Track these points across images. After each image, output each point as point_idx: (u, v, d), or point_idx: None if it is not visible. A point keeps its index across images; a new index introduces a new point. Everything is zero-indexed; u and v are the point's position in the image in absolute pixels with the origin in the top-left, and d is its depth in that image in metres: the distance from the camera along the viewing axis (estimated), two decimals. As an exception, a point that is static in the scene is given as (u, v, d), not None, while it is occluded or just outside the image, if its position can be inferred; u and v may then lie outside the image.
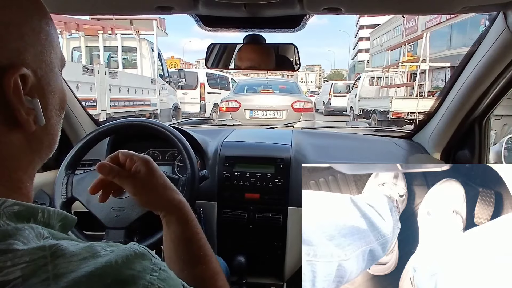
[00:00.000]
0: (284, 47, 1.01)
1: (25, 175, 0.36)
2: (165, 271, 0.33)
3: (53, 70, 0.37)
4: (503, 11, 0.81)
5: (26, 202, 0.32)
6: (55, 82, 0.37)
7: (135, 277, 0.29)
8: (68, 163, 0.91)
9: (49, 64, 0.36)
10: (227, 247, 1.15)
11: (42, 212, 0.33)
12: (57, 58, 0.38)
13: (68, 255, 0.28)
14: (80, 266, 0.27)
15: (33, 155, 0.36)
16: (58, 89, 0.38)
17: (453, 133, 1.12)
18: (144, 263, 0.31)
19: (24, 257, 0.27)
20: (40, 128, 0.35)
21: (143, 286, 0.29)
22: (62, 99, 0.40)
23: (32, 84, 0.33)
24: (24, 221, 0.31)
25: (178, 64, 12.73)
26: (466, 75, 0.98)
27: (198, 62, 39.18)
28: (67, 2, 0.84)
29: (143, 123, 0.98)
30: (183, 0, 0.76)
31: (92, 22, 6.62)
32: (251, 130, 1.76)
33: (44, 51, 0.35)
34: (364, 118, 9.83)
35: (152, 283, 0.30)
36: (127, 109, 6.06)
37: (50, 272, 0.26)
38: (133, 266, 0.30)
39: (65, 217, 0.36)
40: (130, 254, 0.30)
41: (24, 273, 0.26)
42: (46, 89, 0.36)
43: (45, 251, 0.27)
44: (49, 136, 0.38)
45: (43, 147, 0.38)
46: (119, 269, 0.29)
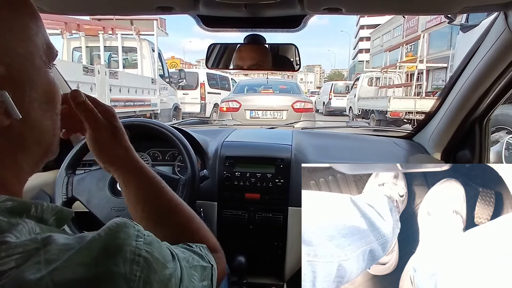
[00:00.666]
0: (285, 47, 1.01)
1: (8, 172, 0.35)
2: (150, 236, 0.33)
3: (31, 61, 0.35)
4: (503, 11, 0.81)
5: (18, 198, 0.32)
6: (35, 74, 0.35)
7: (121, 245, 0.30)
8: (69, 163, 0.91)
9: (23, 54, 0.34)
10: (227, 247, 1.14)
11: (35, 207, 0.33)
12: (36, 49, 0.36)
13: (59, 245, 0.29)
14: (69, 252, 0.28)
15: (16, 152, 0.35)
16: (42, 81, 0.36)
17: (454, 133, 1.11)
18: (127, 231, 0.32)
19: (18, 248, 0.27)
20: (19, 122, 0.33)
21: (130, 252, 0.30)
22: (49, 92, 0.38)
23: (1, 75, 0.31)
24: (17, 217, 0.31)
25: (178, 64, 12.73)
26: (467, 75, 0.98)
27: (199, 62, 39.21)
28: (67, 2, 0.84)
29: (143, 123, 0.98)
30: (184, 0, 0.76)
31: (93, 22, 6.62)
32: (252, 130, 1.76)
33: (13, 40, 0.33)
34: (363, 118, 9.89)
35: (139, 247, 0.31)
36: (128, 109, 6.06)
37: (42, 257, 0.27)
38: (117, 235, 0.30)
39: (60, 211, 0.36)
40: (111, 225, 0.31)
41: (18, 263, 0.27)
42: (21, 81, 0.34)
43: (38, 243, 0.28)
44: (34, 131, 0.36)
45: (27, 143, 0.36)
46: (103, 240, 0.30)
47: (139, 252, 0.31)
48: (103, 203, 0.85)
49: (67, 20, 6.10)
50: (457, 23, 4.61)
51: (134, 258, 0.30)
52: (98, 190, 0.87)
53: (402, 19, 23.24)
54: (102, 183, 0.88)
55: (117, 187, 0.89)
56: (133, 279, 0.29)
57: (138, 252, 0.30)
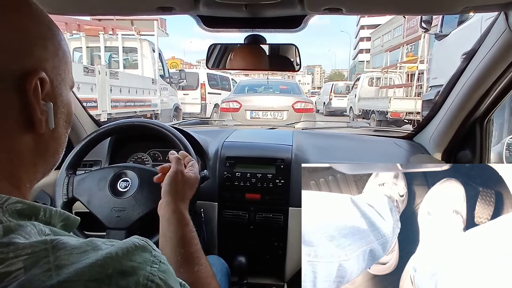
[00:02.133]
0: (285, 47, 1.01)
1: (25, 175, 0.37)
2: (165, 264, 0.33)
3: (66, 85, 0.40)
4: (504, 11, 0.81)
5: (28, 201, 0.33)
6: (66, 96, 0.41)
7: (136, 268, 0.30)
8: (69, 163, 0.91)
9: (63, 77, 0.40)
10: (228, 247, 1.15)
11: (44, 211, 0.34)
12: (69, 75, 0.41)
13: (69, 247, 0.29)
14: (81, 258, 0.28)
15: (38, 158, 0.38)
16: (67, 103, 0.41)
17: (454, 134, 1.11)
18: (145, 255, 0.32)
19: (26, 249, 0.27)
20: (49, 132, 0.37)
21: (144, 277, 0.30)
22: (69, 112, 0.43)
23: (48, 90, 0.36)
24: (26, 219, 0.31)
25: (179, 65, 12.73)
26: (467, 76, 0.98)
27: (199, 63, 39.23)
28: (68, 2, 0.84)
29: (143, 123, 0.98)
30: (184, 1, 0.76)
31: (93, 23, 6.64)
32: (252, 131, 1.76)
33: (60, 65, 0.39)
34: (363, 118, 9.94)
35: (153, 274, 0.31)
36: (128, 109, 6.07)
37: (52, 263, 0.27)
38: (133, 258, 0.30)
39: (67, 217, 0.37)
40: (130, 246, 0.31)
41: (26, 265, 0.26)
42: (58, 99, 0.39)
43: (47, 244, 0.28)
44: (55, 143, 0.40)
45: (48, 152, 0.40)
46: (119, 260, 0.29)
47: (153, 278, 0.30)
48: (104, 204, 0.85)
49: (67, 21, 6.11)
50: (432, 32, 5.11)
51: (147, 284, 0.29)
52: (99, 190, 0.87)
53: (403, 19, 23.24)
54: (103, 184, 0.88)
55: (118, 187, 0.89)
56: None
57: (152, 278, 0.30)
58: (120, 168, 0.91)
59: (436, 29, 4.91)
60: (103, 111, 5.29)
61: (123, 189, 0.89)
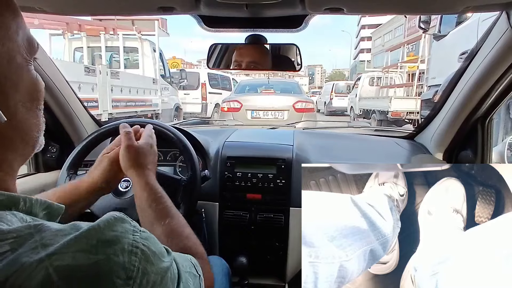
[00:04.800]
0: (286, 47, 1.01)
1: (0, 172, 0.35)
2: (145, 232, 0.35)
3: (11, 61, 0.33)
4: (506, 11, 0.81)
5: (6, 192, 0.33)
6: (18, 74, 0.34)
7: (119, 237, 0.31)
8: (70, 163, 0.92)
9: (4, 56, 0.32)
10: (228, 247, 1.15)
11: (24, 201, 0.34)
12: (18, 47, 0.34)
13: (54, 230, 0.29)
14: (65, 238, 0.29)
15: (5, 153, 0.35)
16: (24, 81, 0.35)
17: (456, 134, 1.11)
18: (125, 226, 0.33)
19: (11, 234, 0.28)
20: (5, 125, 0.32)
21: (128, 244, 0.31)
22: (32, 90, 0.37)
23: None
24: (5, 210, 0.31)
25: (179, 65, 12.72)
26: (469, 75, 0.98)
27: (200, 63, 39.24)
28: (69, 3, 0.84)
29: (144, 123, 0.98)
30: (185, 1, 0.76)
31: (94, 23, 6.65)
32: (253, 131, 1.76)
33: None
34: (364, 118, 9.99)
35: (136, 241, 0.32)
36: (129, 109, 6.08)
37: (38, 242, 0.28)
38: (115, 228, 0.32)
39: (49, 205, 0.37)
40: (110, 218, 0.32)
41: (12, 247, 0.27)
42: (4, 84, 0.33)
43: (31, 229, 0.29)
44: (19, 132, 0.36)
45: (15, 143, 0.35)
46: (102, 231, 0.30)
47: (137, 244, 0.32)
48: (105, 204, 0.85)
49: (69, 21, 6.12)
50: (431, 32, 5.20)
51: (132, 249, 0.31)
52: None
53: (404, 19, 23.19)
54: (104, 183, 0.88)
55: (119, 187, 0.89)
56: (132, 269, 0.30)
57: (136, 244, 0.32)
58: None
59: (434, 29, 4.96)
60: (104, 111, 5.30)
61: (124, 189, 0.89)
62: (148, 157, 0.70)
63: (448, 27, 4.51)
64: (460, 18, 4.17)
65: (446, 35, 4.61)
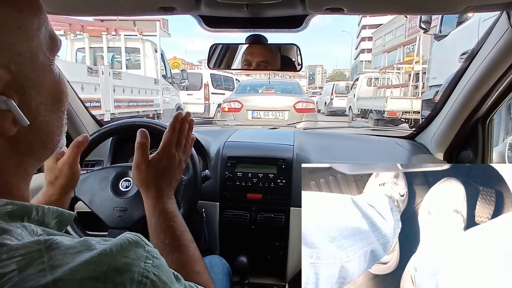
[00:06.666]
0: (286, 47, 1.01)
1: (14, 177, 0.34)
2: (158, 259, 0.33)
3: (35, 61, 0.32)
4: (506, 11, 0.80)
5: (19, 201, 0.31)
6: (40, 75, 0.33)
7: (130, 265, 0.29)
8: (71, 163, 0.92)
9: (27, 56, 0.31)
10: (229, 247, 1.15)
11: (36, 210, 0.33)
12: (40, 45, 0.33)
13: (63, 247, 0.28)
14: (75, 258, 0.27)
15: (22, 157, 0.34)
16: (47, 82, 0.34)
17: (456, 134, 1.11)
18: (138, 251, 0.31)
19: (19, 250, 0.27)
20: (25, 128, 0.31)
21: (138, 274, 0.29)
22: (55, 91, 0.35)
23: (6, 82, 0.29)
24: (18, 220, 0.30)
25: (180, 65, 12.74)
26: (469, 75, 0.98)
27: (200, 63, 39.27)
28: (71, 3, 0.85)
29: (146, 123, 0.99)
30: (186, 1, 0.76)
31: (96, 24, 6.67)
32: (253, 131, 1.76)
33: (16, 41, 0.30)
34: (362, 118, 10.18)
35: (147, 270, 0.30)
36: (131, 109, 6.10)
37: (46, 264, 0.26)
38: (127, 254, 0.30)
39: (61, 214, 0.36)
40: (124, 242, 0.31)
41: (19, 266, 0.26)
42: (27, 85, 0.31)
43: (40, 245, 0.27)
44: (40, 135, 0.35)
45: (34, 147, 0.35)
46: (114, 257, 0.29)
47: (147, 274, 0.30)
48: (106, 203, 0.86)
49: (71, 21, 6.15)
50: (431, 33, 5.26)
51: (141, 280, 0.29)
52: (101, 190, 0.88)
53: (404, 19, 23.16)
54: (105, 183, 0.88)
55: (120, 187, 0.89)
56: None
57: (146, 274, 0.30)
58: (122, 168, 0.92)
59: (435, 30, 4.97)
60: (106, 111, 5.31)
61: (125, 188, 0.89)
62: (161, 176, 0.60)
63: (448, 27, 4.55)
64: (461, 18, 4.18)
65: (447, 35, 4.64)
